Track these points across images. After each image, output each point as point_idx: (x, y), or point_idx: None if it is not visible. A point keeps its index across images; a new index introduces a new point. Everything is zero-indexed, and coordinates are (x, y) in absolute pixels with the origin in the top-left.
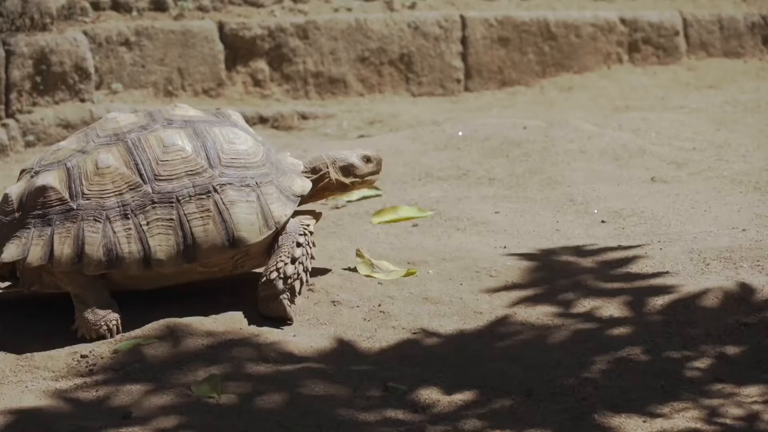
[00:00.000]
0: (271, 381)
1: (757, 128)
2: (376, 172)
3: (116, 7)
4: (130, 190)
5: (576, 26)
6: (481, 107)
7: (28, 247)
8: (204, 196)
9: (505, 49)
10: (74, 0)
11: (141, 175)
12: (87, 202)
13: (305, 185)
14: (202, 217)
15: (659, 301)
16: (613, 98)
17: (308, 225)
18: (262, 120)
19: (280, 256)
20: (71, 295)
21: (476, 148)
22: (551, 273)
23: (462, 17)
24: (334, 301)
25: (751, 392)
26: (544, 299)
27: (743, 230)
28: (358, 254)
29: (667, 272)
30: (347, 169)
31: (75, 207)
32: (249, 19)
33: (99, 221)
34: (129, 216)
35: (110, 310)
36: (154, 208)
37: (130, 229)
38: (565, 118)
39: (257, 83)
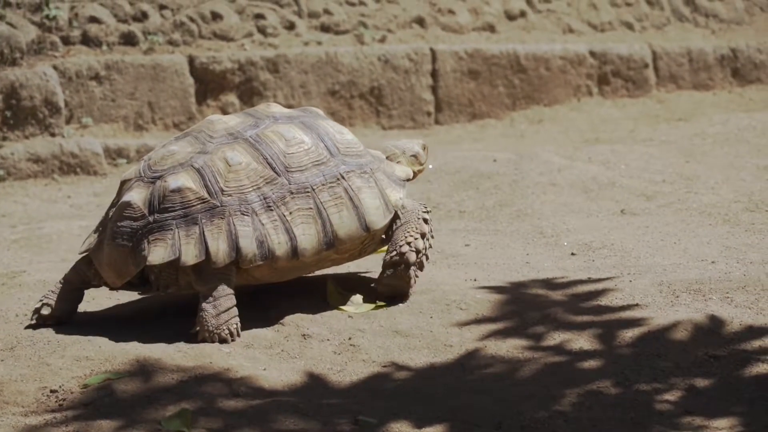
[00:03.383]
0: (241, 415)
1: (726, 160)
2: (426, 159)
3: (86, 41)
4: (267, 183)
5: (546, 59)
6: (451, 140)
7: (177, 247)
8: (334, 184)
9: (475, 82)
10: (44, 35)
11: (273, 169)
12: (229, 198)
13: (407, 170)
14: (336, 204)
15: (629, 334)
16: (583, 131)
17: (425, 205)
18: None
19: (409, 231)
20: (200, 295)
21: (447, 181)
22: (521, 306)
23: (432, 50)
24: (304, 335)
25: (720, 424)
26: (514, 332)
27: (712, 262)
28: (330, 286)
29: (637, 304)
30: (415, 158)
31: (219, 204)
32: (219, 52)
33: (246, 215)
34: (272, 208)
35: (233, 313)
36: (293, 198)
37: (275, 220)
38: (535, 150)
39: None
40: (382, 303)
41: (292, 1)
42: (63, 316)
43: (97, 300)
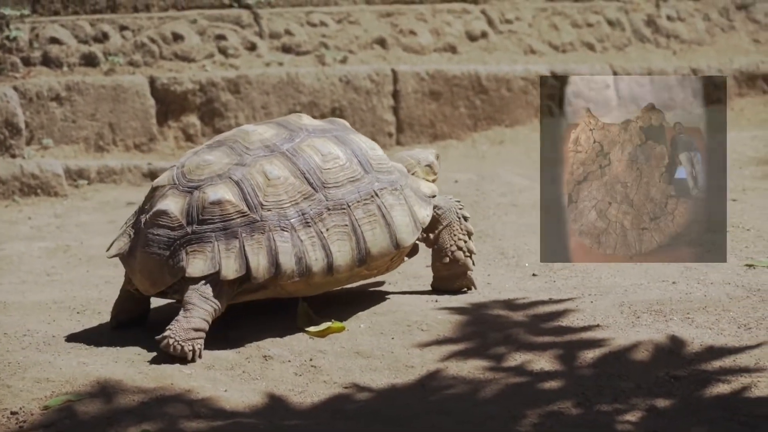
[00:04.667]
0: None
1: None
2: (439, 168)
3: (47, 62)
4: (305, 199)
5: (507, 80)
6: None
7: (218, 260)
8: (369, 201)
9: (436, 103)
10: (4, 55)
11: (311, 184)
12: (269, 213)
13: (432, 187)
14: (370, 221)
15: (590, 354)
16: None
17: (459, 201)
18: None
19: (456, 234)
20: (182, 306)
21: None
22: (483, 327)
23: (393, 71)
24: (265, 356)
25: None
26: (475, 353)
27: (673, 283)
28: (300, 308)
29: (598, 325)
30: (430, 168)
31: (259, 218)
32: (180, 73)
33: (286, 230)
34: (310, 224)
35: (201, 334)
36: (330, 215)
37: (313, 236)
38: (497, 171)
39: (189, 138)
40: (338, 324)
41: (254, 21)
42: (128, 320)
43: (57, 322)
